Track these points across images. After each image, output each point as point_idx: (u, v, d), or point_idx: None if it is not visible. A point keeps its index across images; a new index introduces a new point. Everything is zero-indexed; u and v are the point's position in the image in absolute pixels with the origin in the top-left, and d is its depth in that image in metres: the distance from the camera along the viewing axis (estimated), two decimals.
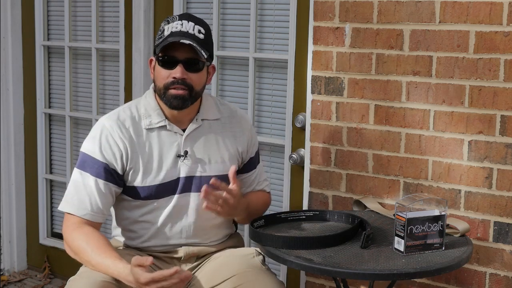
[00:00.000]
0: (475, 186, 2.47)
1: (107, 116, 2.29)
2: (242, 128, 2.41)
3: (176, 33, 2.19)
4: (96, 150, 2.23)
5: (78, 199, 2.21)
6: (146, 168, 2.25)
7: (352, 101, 2.68)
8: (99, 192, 2.21)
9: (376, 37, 2.60)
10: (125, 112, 2.29)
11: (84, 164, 2.23)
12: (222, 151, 2.34)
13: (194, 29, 2.21)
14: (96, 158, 2.22)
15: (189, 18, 2.25)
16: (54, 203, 3.95)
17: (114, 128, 2.24)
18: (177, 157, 2.28)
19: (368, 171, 2.68)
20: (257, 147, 2.49)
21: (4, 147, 3.85)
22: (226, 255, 2.34)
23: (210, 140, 2.33)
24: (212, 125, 2.35)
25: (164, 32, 2.22)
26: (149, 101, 2.31)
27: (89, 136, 2.28)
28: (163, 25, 2.25)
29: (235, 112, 2.43)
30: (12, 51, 3.80)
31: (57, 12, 3.73)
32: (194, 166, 2.29)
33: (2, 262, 3.94)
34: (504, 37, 2.36)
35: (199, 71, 2.23)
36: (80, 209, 2.21)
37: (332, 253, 2.10)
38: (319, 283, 2.84)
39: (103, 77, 3.62)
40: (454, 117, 2.48)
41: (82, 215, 2.20)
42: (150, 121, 2.27)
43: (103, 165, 2.22)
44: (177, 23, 2.22)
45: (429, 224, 2.12)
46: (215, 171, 2.31)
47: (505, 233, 2.44)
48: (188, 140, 2.30)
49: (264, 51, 3.08)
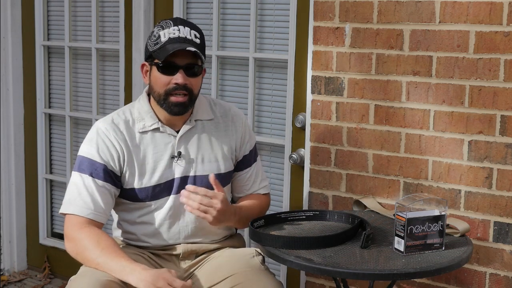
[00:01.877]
0: (475, 186, 2.47)
1: (102, 120, 2.32)
2: (235, 125, 2.42)
3: (175, 39, 2.21)
4: (94, 152, 2.25)
5: (81, 200, 2.22)
6: (141, 170, 2.28)
7: (352, 101, 2.68)
8: (100, 192, 2.22)
9: (376, 37, 2.60)
10: (119, 116, 2.32)
11: (83, 166, 2.25)
12: (216, 151, 2.36)
13: (191, 34, 2.24)
14: (95, 160, 2.24)
15: (183, 23, 2.26)
16: (54, 203, 3.95)
17: (110, 130, 2.27)
18: (171, 158, 2.30)
19: (368, 171, 2.68)
20: (253, 146, 2.49)
21: (4, 147, 3.85)
22: (225, 255, 2.35)
23: (204, 140, 2.35)
24: (206, 125, 2.37)
25: (160, 38, 2.22)
26: (142, 104, 2.33)
27: (86, 139, 2.30)
28: (156, 31, 2.25)
29: (229, 111, 2.45)
30: (12, 51, 3.80)
31: (57, 12, 3.73)
32: (188, 166, 2.31)
33: (2, 262, 3.94)
34: (504, 37, 2.36)
35: (198, 76, 2.27)
36: (84, 209, 2.21)
37: (332, 253, 2.10)
38: (319, 283, 2.84)
39: (103, 77, 3.62)
40: (454, 117, 2.48)
41: (86, 215, 2.21)
42: (144, 124, 2.30)
43: (102, 166, 2.24)
44: (174, 29, 2.22)
45: (429, 224, 2.12)
46: (209, 171, 2.33)
47: (505, 233, 2.44)
48: (182, 141, 2.32)
49: (264, 51, 3.08)
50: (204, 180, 2.30)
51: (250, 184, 2.48)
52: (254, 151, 2.50)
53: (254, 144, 2.50)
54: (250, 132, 2.49)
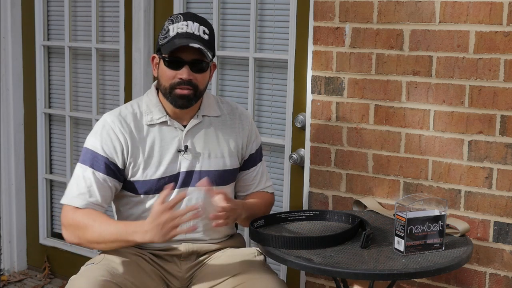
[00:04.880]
0: (475, 186, 2.47)
1: (109, 112, 2.34)
2: (242, 123, 2.43)
3: (182, 34, 2.21)
4: (97, 145, 2.26)
5: (77, 191, 2.24)
6: (147, 163, 2.28)
7: (352, 101, 2.68)
8: (99, 185, 2.24)
9: (376, 37, 2.60)
10: (127, 109, 2.33)
11: (85, 158, 2.27)
12: (222, 147, 2.36)
13: (199, 30, 2.24)
14: (97, 152, 2.25)
15: (193, 18, 2.27)
16: (54, 203, 3.95)
17: (116, 122, 2.28)
18: (178, 152, 2.30)
19: (368, 171, 2.68)
20: (259, 145, 2.50)
21: (4, 147, 3.85)
22: (227, 254, 2.35)
23: (210, 136, 2.35)
24: (213, 122, 2.38)
25: (169, 32, 2.24)
26: (151, 98, 2.34)
27: (92, 131, 2.32)
28: (167, 25, 2.26)
29: (236, 109, 2.45)
30: (12, 51, 3.80)
31: (57, 12, 3.74)
32: (194, 160, 2.32)
33: (2, 262, 3.94)
34: (504, 37, 2.36)
35: (204, 71, 2.27)
36: (80, 199, 2.23)
37: (332, 253, 2.10)
38: (319, 283, 2.84)
39: (103, 77, 3.62)
40: (454, 117, 2.48)
41: (81, 205, 2.23)
42: (152, 117, 2.31)
43: (104, 159, 2.25)
44: (183, 24, 2.23)
45: (429, 224, 2.12)
46: (214, 166, 2.33)
47: (505, 233, 2.44)
48: (189, 135, 2.32)
49: (264, 51, 3.08)
50: (210, 175, 2.31)
51: (256, 183, 2.48)
52: (260, 151, 2.51)
53: (260, 143, 2.51)
54: (256, 132, 2.50)
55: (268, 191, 2.52)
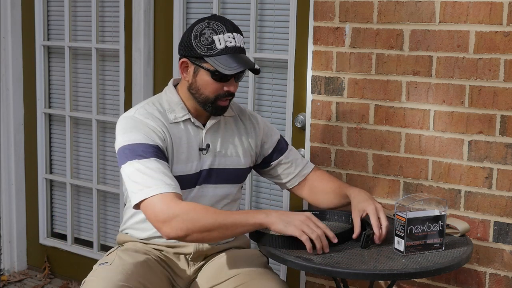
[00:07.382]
0: (475, 186, 2.47)
1: (133, 110, 2.26)
2: (253, 124, 2.45)
3: (232, 49, 2.17)
4: (141, 138, 2.17)
5: (158, 180, 2.10)
6: (178, 159, 2.25)
7: (352, 101, 2.68)
8: (166, 168, 2.16)
9: (376, 37, 2.60)
10: (150, 106, 2.28)
11: (135, 152, 2.15)
12: (237, 146, 2.38)
13: (243, 42, 2.23)
14: (145, 143, 2.16)
15: (233, 28, 2.22)
16: (54, 203, 3.95)
17: (147, 117, 2.22)
18: (199, 150, 2.30)
19: (368, 171, 2.68)
20: (280, 135, 2.52)
21: (4, 147, 3.85)
22: (230, 254, 2.35)
23: (227, 135, 2.37)
24: (228, 122, 2.39)
25: (215, 44, 2.16)
26: (171, 96, 2.31)
27: (124, 130, 2.21)
28: (209, 34, 2.17)
29: (244, 110, 2.48)
30: (12, 51, 3.80)
31: (57, 12, 3.73)
32: (213, 159, 2.33)
33: (2, 262, 3.94)
34: (504, 37, 2.36)
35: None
36: (166, 185, 2.10)
37: (332, 253, 2.10)
38: (319, 283, 2.84)
39: (103, 77, 3.62)
40: (454, 117, 2.48)
41: (171, 190, 2.09)
42: (175, 115, 2.28)
43: (154, 147, 2.17)
44: (229, 36, 2.18)
45: (429, 224, 2.12)
46: (230, 164, 2.36)
47: (505, 233, 2.44)
48: (209, 134, 2.33)
49: (264, 51, 3.08)
50: (226, 173, 2.32)
51: (294, 165, 2.49)
52: (284, 140, 2.52)
53: (279, 134, 2.52)
54: (270, 126, 2.52)
55: (311, 167, 2.52)
